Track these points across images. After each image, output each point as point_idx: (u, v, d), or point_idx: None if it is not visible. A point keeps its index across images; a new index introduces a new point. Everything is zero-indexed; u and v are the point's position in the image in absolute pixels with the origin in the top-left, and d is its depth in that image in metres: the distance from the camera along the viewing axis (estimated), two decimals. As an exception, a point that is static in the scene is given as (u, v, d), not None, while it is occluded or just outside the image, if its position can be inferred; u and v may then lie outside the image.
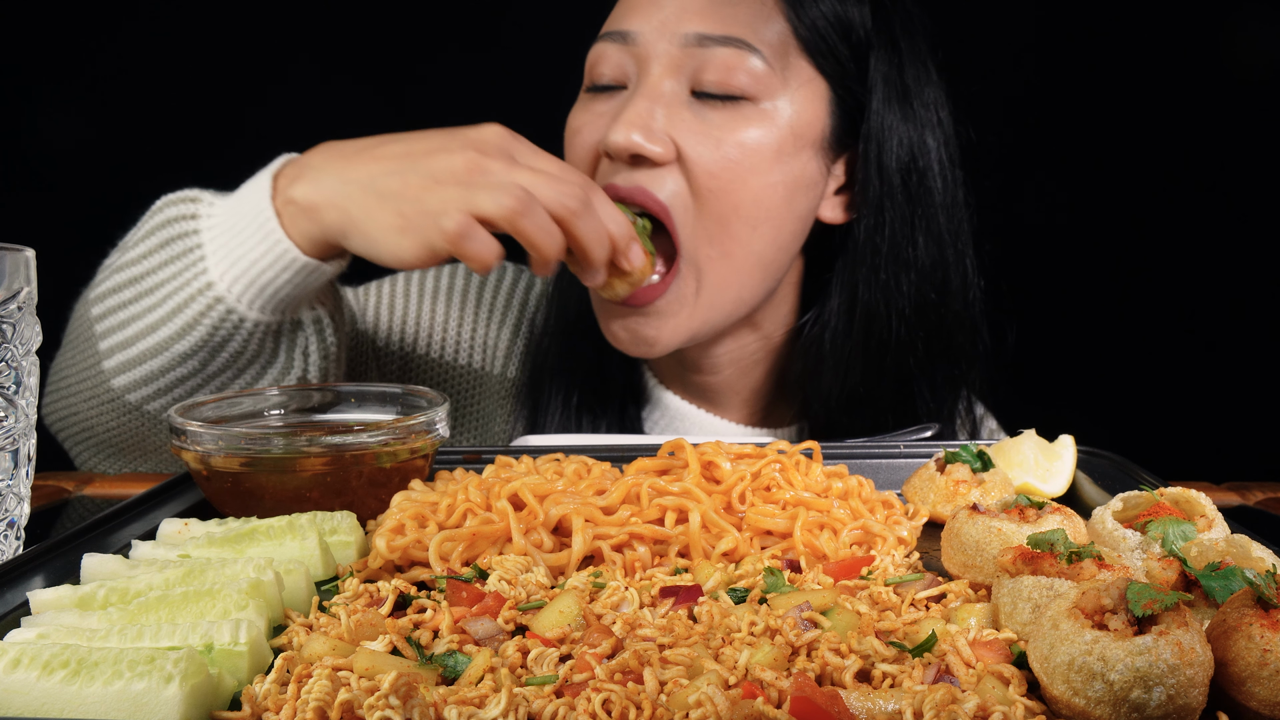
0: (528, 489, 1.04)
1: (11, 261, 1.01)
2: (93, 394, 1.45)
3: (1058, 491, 1.22)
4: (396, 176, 1.27)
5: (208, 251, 1.34)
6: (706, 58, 1.40)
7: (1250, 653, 0.69)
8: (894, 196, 1.50)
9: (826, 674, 0.75)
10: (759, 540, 1.05)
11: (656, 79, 1.41)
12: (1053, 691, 0.70)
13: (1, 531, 1.04)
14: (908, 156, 1.51)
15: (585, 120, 1.48)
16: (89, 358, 1.44)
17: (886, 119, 1.50)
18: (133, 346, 1.39)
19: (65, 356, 1.52)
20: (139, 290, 1.39)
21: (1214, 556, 0.88)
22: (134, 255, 1.40)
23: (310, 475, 1.09)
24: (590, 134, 1.46)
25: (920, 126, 1.52)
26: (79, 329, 1.47)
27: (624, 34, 1.44)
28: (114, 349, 1.41)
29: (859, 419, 1.54)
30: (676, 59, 1.41)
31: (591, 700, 0.70)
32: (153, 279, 1.38)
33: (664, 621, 0.83)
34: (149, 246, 1.39)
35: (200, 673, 0.73)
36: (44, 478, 1.45)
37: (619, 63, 1.45)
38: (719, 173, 1.40)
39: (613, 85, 1.46)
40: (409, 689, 0.70)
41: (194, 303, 1.34)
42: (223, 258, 1.34)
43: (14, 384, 1.02)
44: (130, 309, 1.39)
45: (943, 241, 1.54)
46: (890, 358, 1.54)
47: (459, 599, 0.89)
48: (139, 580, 0.88)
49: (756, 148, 1.42)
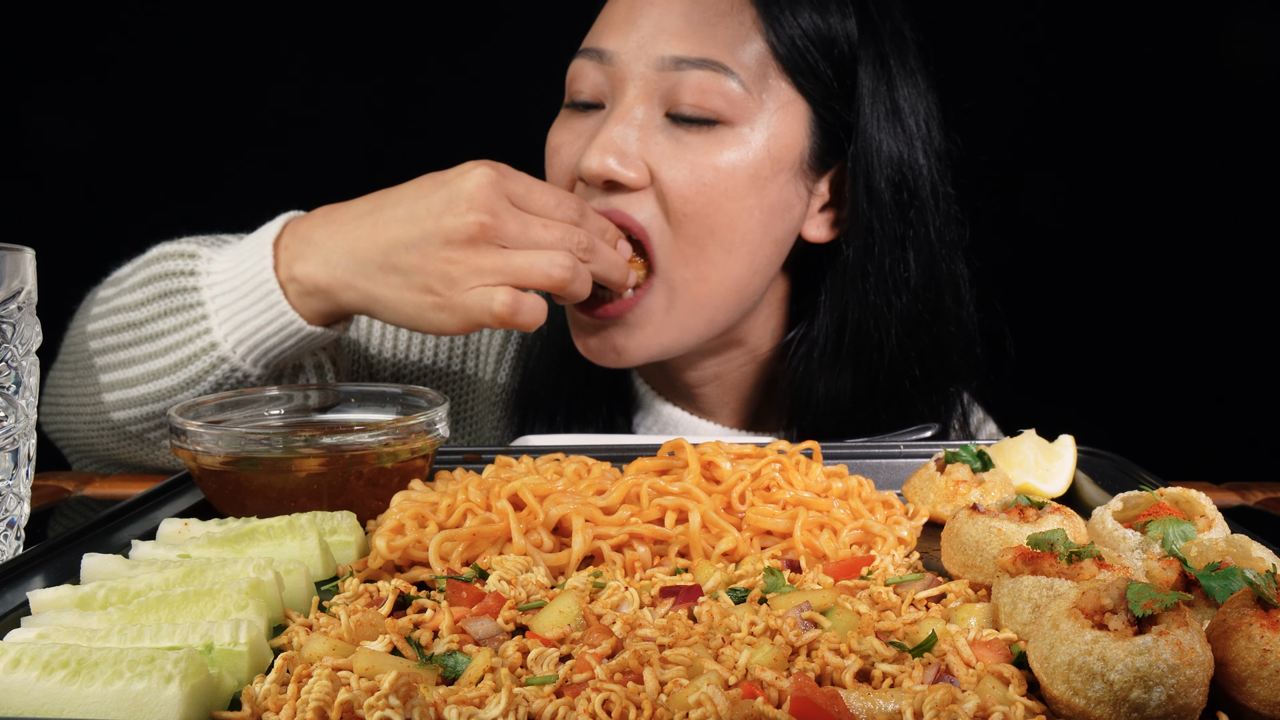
0: (528, 489, 1.04)
1: (11, 261, 1.01)
2: (92, 419, 1.47)
3: (1058, 491, 1.22)
4: (412, 251, 1.28)
5: (209, 311, 1.35)
6: (682, 80, 1.39)
7: (1250, 653, 0.69)
8: (884, 216, 1.48)
9: (826, 674, 0.75)
10: (759, 540, 1.05)
11: (631, 102, 1.41)
12: (1053, 691, 0.70)
13: (1, 531, 1.04)
14: (898, 176, 1.49)
15: (564, 139, 1.49)
16: (88, 385, 1.45)
17: (874, 137, 1.47)
18: (133, 388, 1.40)
19: (63, 376, 1.52)
20: (139, 335, 1.39)
21: (1214, 556, 0.88)
22: (132, 300, 1.40)
23: (310, 475, 1.09)
24: (568, 154, 1.47)
25: (910, 142, 1.50)
26: (77, 356, 1.48)
27: (601, 52, 1.44)
28: (114, 385, 1.42)
29: (850, 427, 1.54)
30: (652, 82, 1.40)
31: (591, 700, 0.70)
32: (153, 327, 1.38)
33: (664, 621, 0.83)
34: (147, 295, 1.39)
35: (200, 673, 0.72)
36: (44, 478, 1.45)
37: (596, 81, 1.45)
38: (693, 197, 1.39)
39: (591, 103, 1.47)
40: (409, 689, 0.70)
41: (198, 360, 1.36)
42: (225, 320, 1.35)
43: (14, 384, 1.02)
44: (130, 352, 1.40)
45: (935, 259, 1.52)
46: (883, 373, 1.53)
47: (459, 599, 0.88)
48: (139, 580, 0.88)
49: (731, 172, 1.40)
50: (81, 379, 1.46)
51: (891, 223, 1.49)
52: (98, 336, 1.44)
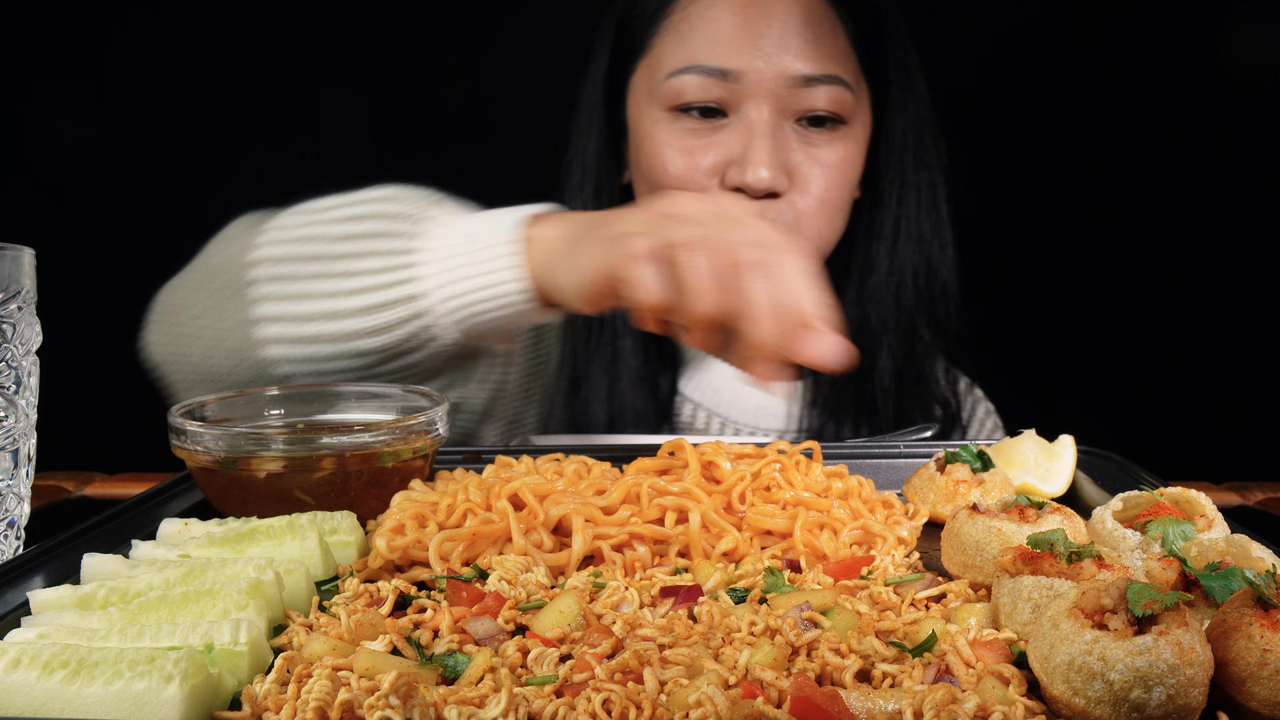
0: (528, 489, 1.04)
1: (11, 261, 1.02)
2: (234, 350, 1.36)
3: (1058, 491, 1.22)
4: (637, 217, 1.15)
5: (425, 259, 1.27)
6: (810, 95, 1.57)
7: (1250, 653, 0.69)
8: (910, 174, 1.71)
9: (826, 674, 0.75)
10: (759, 540, 1.05)
11: (770, 118, 1.57)
12: (1053, 691, 0.70)
13: (1, 531, 1.04)
14: (918, 134, 1.71)
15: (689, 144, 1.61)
16: (235, 312, 1.34)
17: (901, 105, 1.69)
18: (303, 325, 1.30)
19: (195, 299, 1.40)
20: (327, 269, 1.30)
21: (1214, 556, 0.88)
22: (330, 232, 1.31)
23: (310, 475, 1.09)
24: (702, 159, 1.59)
25: (919, 107, 1.71)
26: (225, 281, 1.36)
27: (725, 72, 1.57)
28: (277, 319, 1.31)
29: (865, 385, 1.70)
30: (783, 98, 1.57)
31: (591, 700, 0.70)
32: (350, 264, 1.29)
33: (664, 621, 0.83)
34: (354, 230, 1.30)
35: (200, 673, 0.73)
36: (44, 478, 1.45)
37: (716, 95, 1.59)
38: (825, 191, 1.60)
39: (706, 110, 1.59)
40: (409, 689, 0.70)
41: (394, 308, 1.27)
42: (441, 271, 1.27)
43: (14, 384, 1.02)
44: (310, 285, 1.30)
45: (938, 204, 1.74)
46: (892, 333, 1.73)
47: (459, 599, 0.89)
48: (139, 580, 0.88)
49: (851, 165, 1.63)
50: (228, 306, 1.35)
51: (912, 174, 1.72)
52: (267, 263, 1.32)
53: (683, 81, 1.58)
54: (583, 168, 1.76)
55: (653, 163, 1.63)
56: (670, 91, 1.59)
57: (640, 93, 1.67)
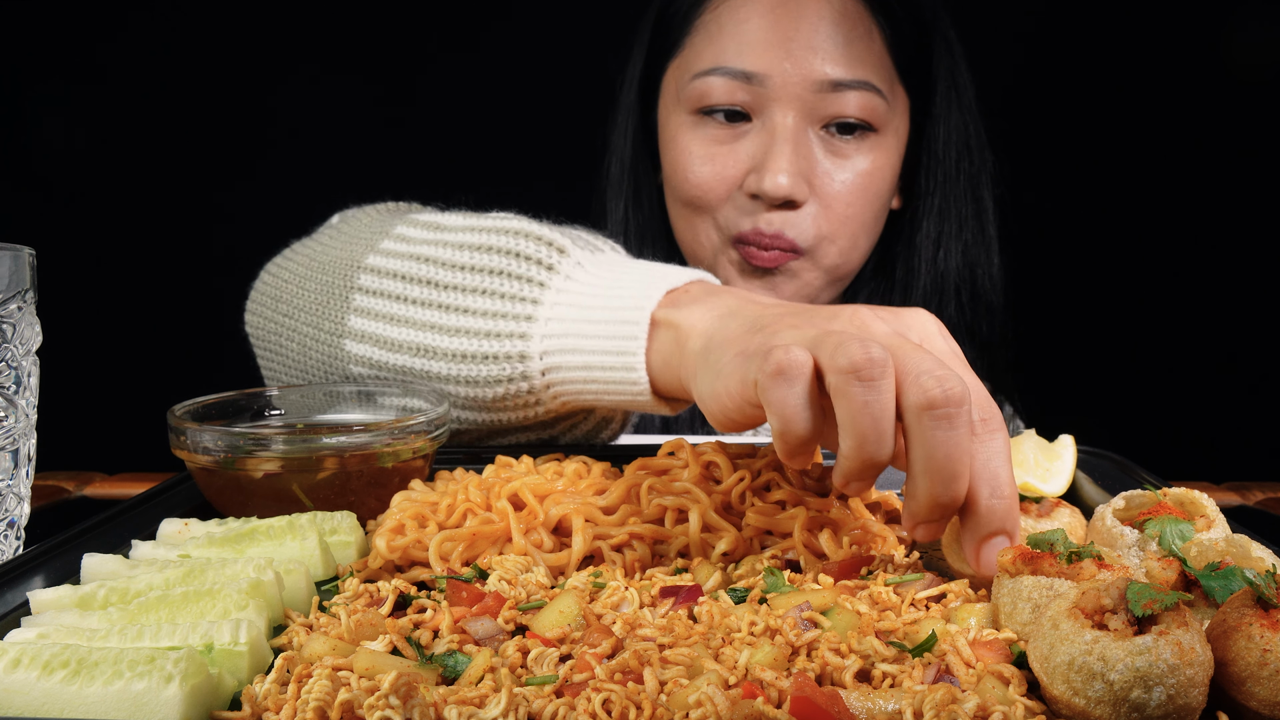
0: (528, 489, 1.04)
1: (11, 261, 1.02)
2: (321, 358, 1.30)
3: (1058, 491, 1.22)
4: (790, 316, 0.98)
5: (542, 317, 1.16)
6: (839, 100, 1.53)
7: (1250, 653, 0.69)
8: (953, 184, 1.68)
9: (826, 674, 0.75)
10: (759, 540, 1.05)
11: (794, 124, 1.53)
12: (1053, 691, 0.70)
13: (1, 531, 1.04)
14: (963, 144, 1.69)
15: (711, 150, 1.58)
16: (331, 318, 1.27)
17: (945, 113, 1.66)
18: (390, 354, 1.23)
19: (301, 289, 1.33)
20: (436, 299, 1.21)
21: (1214, 556, 0.88)
22: (452, 258, 1.21)
23: (310, 475, 1.09)
24: (725, 165, 1.57)
25: (968, 111, 1.68)
26: (334, 275, 1.29)
27: (750, 75, 1.53)
28: (369, 336, 1.24)
29: None
30: (809, 103, 1.53)
31: (591, 700, 0.70)
32: (461, 299, 1.20)
33: (664, 621, 0.83)
34: (478, 262, 1.20)
35: (200, 673, 0.72)
36: (44, 478, 1.45)
37: (740, 99, 1.56)
38: (852, 202, 1.56)
39: (731, 113, 1.56)
40: (409, 689, 0.70)
41: (491, 363, 1.18)
42: (553, 336, 1.16)
43: (14, 384, 1.02)
44: (413, 311, 1.22)
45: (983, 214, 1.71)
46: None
47: (459, 599, 0.88)
48: (139, 580, 0.88)
49: (881, 175, 1.59)
50: (327, 309, 1.28)
51: (955, 184, 1.69)
52: (375, 274, 1.25)
53: (707, 83, 1.55)
54: (620, 167, 1.76)
55: (675, 169, 1.61)
56: (695, 93, 1.57)
57: (669, 93, 1.65)
